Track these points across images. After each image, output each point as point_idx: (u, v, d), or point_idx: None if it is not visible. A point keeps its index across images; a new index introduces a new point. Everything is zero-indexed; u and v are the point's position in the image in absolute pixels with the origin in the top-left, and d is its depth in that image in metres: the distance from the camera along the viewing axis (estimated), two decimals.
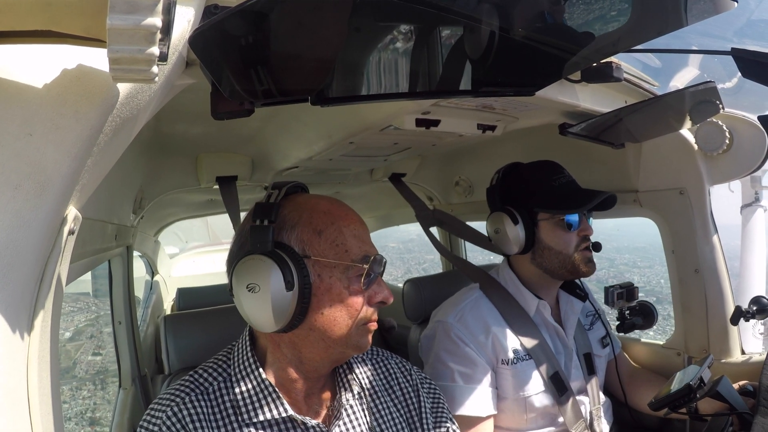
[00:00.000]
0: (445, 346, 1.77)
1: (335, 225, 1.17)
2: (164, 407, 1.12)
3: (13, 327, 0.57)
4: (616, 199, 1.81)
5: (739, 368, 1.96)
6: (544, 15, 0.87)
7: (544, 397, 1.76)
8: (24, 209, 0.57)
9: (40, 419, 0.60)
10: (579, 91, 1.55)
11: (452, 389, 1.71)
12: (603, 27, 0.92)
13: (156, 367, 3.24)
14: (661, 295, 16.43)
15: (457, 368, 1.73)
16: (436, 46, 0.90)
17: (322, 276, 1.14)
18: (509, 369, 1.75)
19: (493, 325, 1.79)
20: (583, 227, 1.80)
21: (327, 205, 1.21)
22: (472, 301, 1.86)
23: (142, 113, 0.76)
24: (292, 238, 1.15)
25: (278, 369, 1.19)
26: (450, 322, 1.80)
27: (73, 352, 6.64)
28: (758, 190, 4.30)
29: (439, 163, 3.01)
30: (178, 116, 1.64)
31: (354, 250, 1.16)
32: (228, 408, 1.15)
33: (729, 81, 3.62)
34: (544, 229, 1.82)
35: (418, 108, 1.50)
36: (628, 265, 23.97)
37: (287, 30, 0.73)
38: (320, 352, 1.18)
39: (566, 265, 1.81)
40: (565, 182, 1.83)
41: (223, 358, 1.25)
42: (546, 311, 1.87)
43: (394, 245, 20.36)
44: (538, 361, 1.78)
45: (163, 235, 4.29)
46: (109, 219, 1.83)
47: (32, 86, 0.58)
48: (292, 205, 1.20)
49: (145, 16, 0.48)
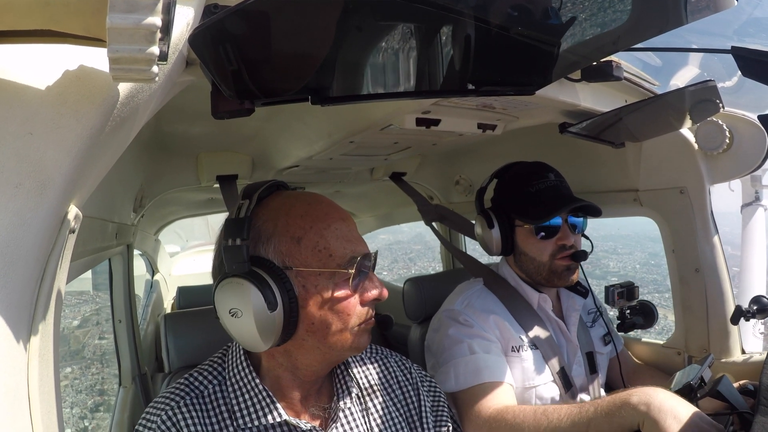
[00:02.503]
0: (455, 327, 1.75)
1: (314, 228, 1.10)
2: (159, 411, 1.10)
3: (13, 326, 0.57)
4: (598, 209, 1.78)
5: (739, 368, 1.96)
6: (544, 13, 0.87)
7: (552, 388, 1.76)
8: (24, 208, 0.57)
9: (41, 418, 0.60)
10: (579, 90, 1.55)
11: (474, 360, 1.67)
12: (603, 25, 0.93)
13: (156, 365, 3.24)
14: (633, 279, 16.74)
15: (474, 341, 1.70)
16: (436, 45, 0.90)
17: (307, 286, 1.09)
18: (517, 357, 1.74)
19: (500, 314, 1.79)
20: (561, 236, 1.78)
21: (303, 207, 1.14)
22: (477, 291, 1.88)
23: (143, 112, 0.76)
24: (270, 250, 1.09)
25: (273, 374, 1.18)
26: (457, 309, 1.80)
27: (81, 337, 6.76)
28: (758, 189, 4.30)
29: (440, 162, 3.01)
30: (179, 115, 1.64)
31: (338, 252, 1.10)
32: (223, 412, 1.13)
33: (729, 80, 3.62)
34: (520, 235, 1.84)
35: (419, 107, 1.50)
36: (607, 251, 23.96)
37: (287, 29, 0.73)
38: (316, 357, 1.15)
39: (541, 272, 1.82)
40: (543, 188, 1.80)
41: (218, 360, 1.23)
42: (547, 305, 1.87)
43: (385, 237, 20.44)
44: (545, 352, 1.77)
45: (164, 233, 4.29)
46: (109, 217, 1.83)
47: (33, 85, 0.58)
48: (267, 212, 1.13)
49: (145, 15, 0.48)
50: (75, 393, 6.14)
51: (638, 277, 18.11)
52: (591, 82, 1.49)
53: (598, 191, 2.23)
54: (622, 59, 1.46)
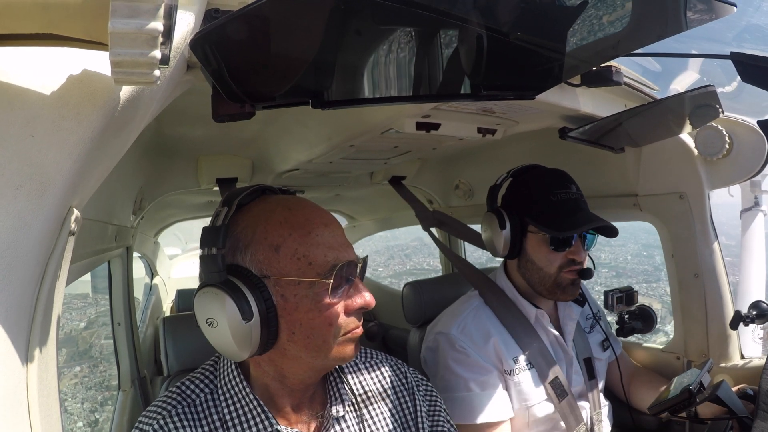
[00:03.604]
0: (453, 356, 1.73)
1: (294, 236, 1.06)
2: (151, 420, 1.09)
3: (13, 327, 0.57)
4: (616, 229, 1.76)
5: (738, 372, 1.96)
6: (544, 18, 0.88)
7: (547, 405, 1.75)
8: (25, 210, 0.57)
9: (40, 420, 0.60)
10: (579, 95, 1.55)
11: (470, 398, 1.67)
12: (603, 31, 0.93)
13: (155, 368, 3.23)
14: (622, 271, 17.72)
15: (470, 376, 1.69)
16: (437, 49, 0.91)
17: (286, 296, 1.05)
18: (512, 380, 1.73)
19: (496, 335, 1.76)
20: (573, 250, 1.75)
21: (283, 213, 1.09)
22: (472, 311, 1.84)
23: (143, 115, 0.76)
24: (247, 259, 1.06)
25: (261, 383, 1.16)
26: (453, 334, 1.76)
27: (88, 337, 6.92)
28: (758, 194, 4.29)
29: (439, 167, 3.01)
30: (179, 118, 1.64)
31: (318, 260, 1.06)
32: (215, 421, 1.11)
33: (729, 85, 3.62)
34: (531, 241, 1.80)
35: (419, 111, 1.50)
36: (600, 243, 23.96)
37: (287, 34, 0.73)
38: (302, 366, 1.12)
39: (545, 283, 1.79)
40: (565, 199, 1.76)
41: (209, 368, 1.21)
42: (545, 320, 1.85)
43: (383, 234, 20.76)
44: (540, 369, 1.75)
45: (163, 236, 4.29)
46: (109, 220, 1.83)
47: (34, 88, 0.58)
48: (247, 219, 1.10)
49: (147, 20, 0.48)
50: (85, 390, 6.37)
51: (629, 267, 18.19)
52: (591, 87, 1.49)
53: (598, 196, 2.23)
54: (621, 64, 1.46)
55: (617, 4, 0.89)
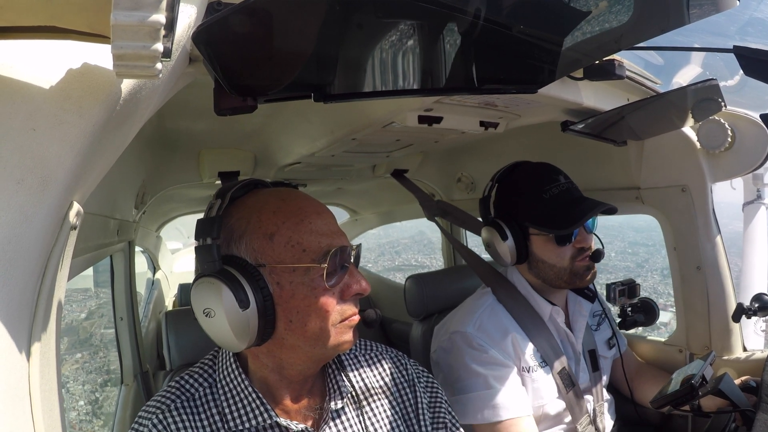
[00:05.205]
0: (471, 354, 1.71)
1: (287, 224, 1.08)
2: (150, 415, 1.10)
3: (15, 322, 0.57)
4: (614, 208, 1.76)
5: (740, 365, 1.97)
6: (547, 11, 0.87)
7: (558, 403, 1.75)
8: (27, 204, 0.57)
9: (42, 415, 0.60)
10: (581, 88, 1.55)
11: (490, 395, 1.64)
12: (606, 24, 0.92)
13: (158, 363, 3.24)
14: (604, 267, 17.14)
15: (489, 373, 1.67)
16: (439, 43, 0.90)
17: (282, 283, 1.06)
18: (529, 377, 1.72)
19: (512, 331, 1.75)
20: (579, 239, 1.76)
21: (276, 203, 1.11)
22: (488, 308, 1.82)
23: (145, 109, 0.76)
24: (242, 248, 1.08)
25: (261, 376, 1.16)
26: (470, 332, 1.74)
27: (89, 327, 7.15)
28: (760, 187, 4.29)
29: (442, 160, 3.01)
30: (181, 112, 1.64)
31: (312, 246, 1.07)
32: (214, 415, 1.11)
33: (731, 79, 3.62)
34: (536, 243, 1.79)
35: (421, 105, 1.50)
36: None
37: (290, 27, 0.73)
38: (300, 356, 1.12)
39: (563, 277, 1.78)
40: (557, 192, 1.75)
41: (208, 362, 1.21)
42: (560, 318, 1.84)
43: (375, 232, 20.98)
44: (551, 364, 1.75)
45: (165, 230, 4.29)
46: (111, 214, 1.83)
47: (36, 81, 0.58)
48: (240, 210, 1.12)
49: (149, 13, 0.48)
50: (86, 374, 6.65)
51: (611, 264, 18.21)
52: (593, 81, 1.49)
53: (600, 189, 2.23)
54: (624, 58, 1.46)
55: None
